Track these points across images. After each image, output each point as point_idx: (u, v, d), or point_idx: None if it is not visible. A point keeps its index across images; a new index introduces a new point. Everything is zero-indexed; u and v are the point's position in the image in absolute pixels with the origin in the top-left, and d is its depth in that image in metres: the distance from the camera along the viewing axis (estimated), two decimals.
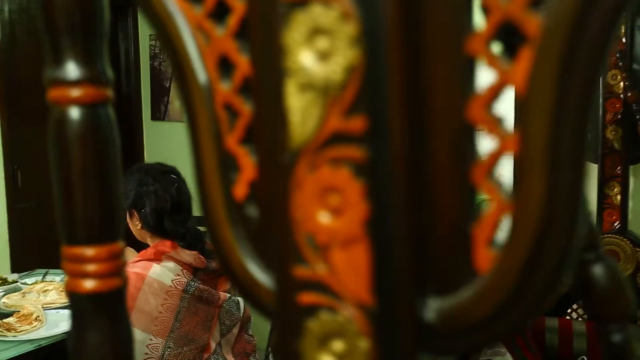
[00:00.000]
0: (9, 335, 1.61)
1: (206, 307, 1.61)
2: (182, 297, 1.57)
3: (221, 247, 0.40)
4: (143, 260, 1.60)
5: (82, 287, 0.47)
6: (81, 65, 0.47)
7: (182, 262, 1.61)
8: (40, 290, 2.02)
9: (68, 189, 0.47)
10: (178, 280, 1.57)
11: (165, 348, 1.53)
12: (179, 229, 1.66)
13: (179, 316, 1.55)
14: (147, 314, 1.52)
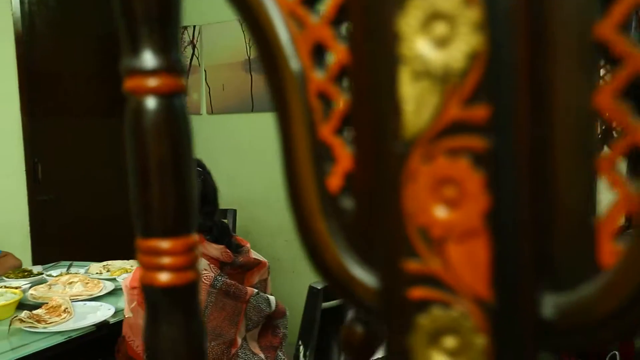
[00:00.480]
0: (39, 327, 1.61)
1: (233, 302, 1.60)
2: (210, 291, 1.56)
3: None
4: None
5: (157, 280, 0.47)
6: (158, 54, 0.46)
7: (209, 256, 1.60)
8: (65, 282, 2.02)
9: (144, 180, 0.46)
10: (205, 275, 1.57)
11: None
12: (205, 222, 1.65)
13: (206, 311, 1.55)
14: None
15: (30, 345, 1.54)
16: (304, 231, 0.39)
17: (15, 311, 1.79)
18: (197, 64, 3.57)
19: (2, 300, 1.77)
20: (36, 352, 1.50)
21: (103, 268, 2.29)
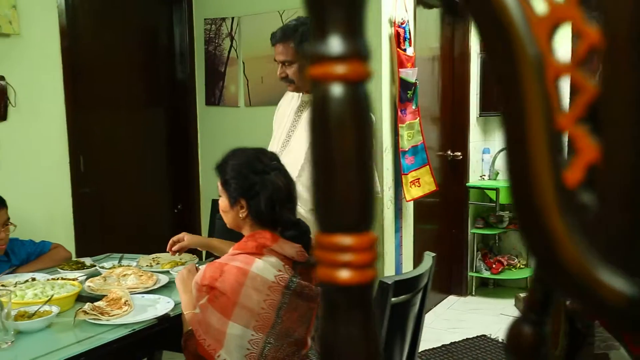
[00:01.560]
0: (102, 319, 1.62)
1: (305, 303, 1.58)
2: (284, 293, 1.54)
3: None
4: (244, 254, 1.57)
5: (337, 277, 0.45)
6: (345, 40, 0.43)
7: (284, 255, 1.58)
8: (119, 274, 2.03)
9: (328, 172, 0.44)
10: (281, 276, 1.55)
11: (265, 344, 1.51)
12: (290, 217, 1.63)
13: (280, 312, 1.53)
14: (249, 309, 1.50)
15: (95, 337, 1.54)
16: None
17: (74, 303, 1.79)
18: (235, 56, 3.55)
19: (64, 292, 1.77)
20: (103, 345, 1.50)
21: (153, 260, 2.29)
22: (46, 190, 2.85)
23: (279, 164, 1.69)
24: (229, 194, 1.67)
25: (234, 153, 1.70)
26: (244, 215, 1.65)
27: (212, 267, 1.59)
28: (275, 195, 1.62)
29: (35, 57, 2.75)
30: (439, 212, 4.38)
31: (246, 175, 1.63)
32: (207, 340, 1.50)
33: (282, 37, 2.27)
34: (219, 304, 1.51)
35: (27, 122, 2.72)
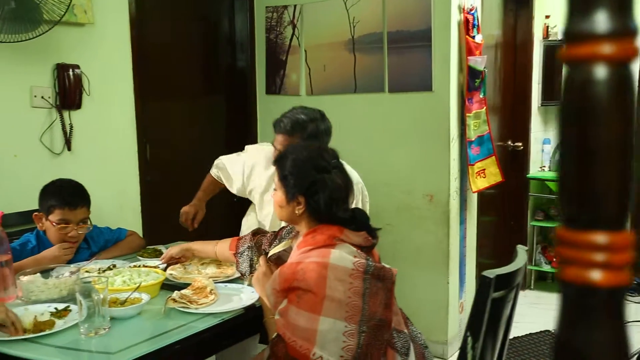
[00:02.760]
0: (191, 307, 1.62)
1: (383, 285, 1.56)
2: (364, 278, 1.52)
3: None
4: (316, 249, 1.55)
5: (589, 278, 0.41)
6: (614, 15, 0.38)
7: (352, 243, 1.57)
8: (198, 262, 2.03)
9: (584, 163, 0.39)
10: (358, 262, 1.53)
11: (360, 333, 1.48)
12: (345, 215, 1.61)
13: (365, 298, 1.51)
14: (337, 301, 1.48)
15: (186, 325, 1.54)
16: None
17: (158, 291, 1.81)
18: (297, 44, 3.52)
19: (151, 280, 1.79)
20: (195, 334, 1.51)
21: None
22: (116, 178, 2.89)
23: (338, 162, 1.66)
24: (287, 189, 1.65)
25: (295, 148, 1.68)
26: (301, 212, 1.63)
27: (285, 269, 1.56)
28: (335, 195, 1.61)
29: (108, 46, 2.78)
30: (498, 204, 4.28)
31: (307, 172, 1.61)
32: (297, 342, 1.47)
33: (290, 130, 2.27)
34: (305, 302, 1.48)
35: (99, 110, 2.76)
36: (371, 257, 1.60)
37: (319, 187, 1.58)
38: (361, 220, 1.64)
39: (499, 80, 4.17)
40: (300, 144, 1.68)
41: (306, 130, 2.28)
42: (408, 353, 1.59)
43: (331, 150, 1.68)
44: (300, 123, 2.31)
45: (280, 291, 1.54)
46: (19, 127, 2.46)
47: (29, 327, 1.49)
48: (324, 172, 1.59)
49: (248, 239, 1.98)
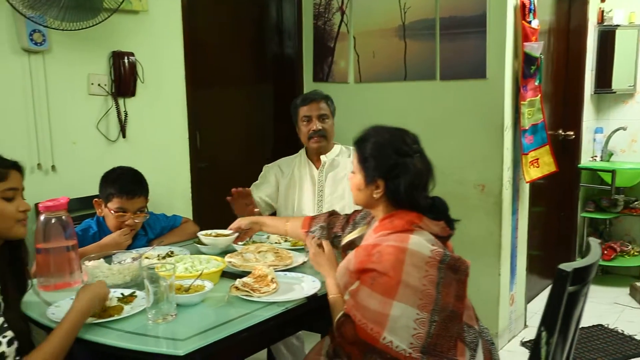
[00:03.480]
0: (254, 296, 1.62)
1: (457, 276, 1.54)
2: (439, 267, 1.50)
3: None
4: (395, 233, 1.53)
5: None
6: None
7: (430, 232, 1.54)
8: (255, 251, 2.03)
9: None
10: (436, 251, 1.50)
11: (431, 323, 1.46)
12: (425, 202, 1.58)
13: (439, 287, 1.49)
14: (412, 287, 1.46)
15: (251, 314, 1.54)
16: None
17: (219, 278, 1.81)
18: (346, 30, 3.48)
19: (212, 267, 1.79)
20: (260, 322, 1.50)
21: (281, 237, 2.29)
22: (168, 165, 2.92)
23: (420, 147, 1.62)
24: (366, 172, 1.63)
25: (376, 130, 1.65)
26: (379, 196, 1.61)
27: (360, 250, 1.56)
28: (416, 180, 1.57)
29: (161, 33, 2.80)
30: (548, 194, 4.17)
31: (389, 155, 1.58)
32: (368, 324, 1.46)
33: (323, 95, 2.67)
34: (379, 285, 1.47)
35: (152, 98, 2.78)
36: (446, 249, 1.58)
37: (400, 171, 1.55)
38: (440, 209, 1.61)
39: (550, 67, 4.05)
40: (382, 126, 1.65)
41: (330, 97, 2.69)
42: (476, 349, 1.56)
43: (412, 134, 1.64)
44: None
45: (354, 272, 1.54)
46: (77, 114, 2.50)
47: (99, 311, 1.51)
48: (406, 156, 1.56)
49: (322, 219, 2.01)
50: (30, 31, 2.23)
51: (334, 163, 2.65)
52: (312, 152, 2.68)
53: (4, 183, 1.44)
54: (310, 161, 2.70)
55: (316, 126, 2.57)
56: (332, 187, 2.61)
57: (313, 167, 2.68)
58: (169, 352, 1.32)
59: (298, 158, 2.76)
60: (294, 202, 2.67)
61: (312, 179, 2.66)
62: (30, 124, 2.33)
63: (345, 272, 1.57)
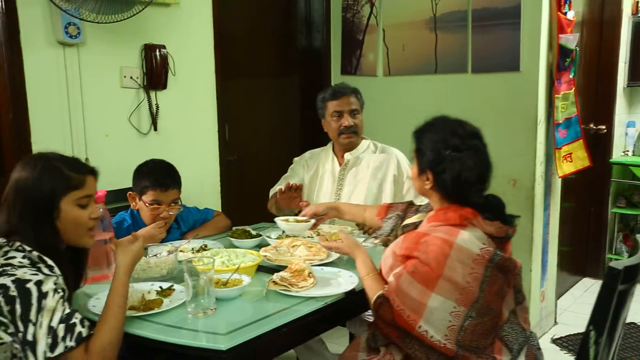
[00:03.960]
0: (292, 290, 1.61)
1: (504, 276, 1.51)
2: (487, 266, 1.47)
3: None
4: (446, 225, 1.51)
5: None
6: None
7: (484, 231, 1.51)
8: (289, 245, 2.02)
9: None
10: (486, 250, 1.48)
11: (466, 317, 1.45)
12: (477, 200, 1.55)
13: (483, 286, 1.47)
14: (453, 282, 1.45)
15: (290, 309, 1.53)
16: None
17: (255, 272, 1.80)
18: (375, 23, 3.44)
19: (249, 261, 1.78)
20: (300, 317, 1.49)
21: (312, 232, 2.27)
22: (198, 158, 2.92)
23: (479, 143, 1.58)
24: (419, 162, 1.65)
25: (434, 123, 1.64)
26: (429, 187, 1.62)
27: (410, 237, 1.57)
28: (464, 175, 1.54)
29: (191, 26, 2.79)
30: (578, 189, 4.09)
31: (438, 148, 1.57)
32: (405, 311, 1.47)
33: (353, 89, 2.57)
34: (420, 275, 1.47)
35: (183, 90, 2.78)
36: (503, 249, 1.54)
37: (447, 165, 1.54)
38: (495, 207, 1.58)
39: (582, 59, 3.96)
40: (443, 117, 1.64)
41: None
42: (520, 351, 1.53)
43: (472, 129, 1.61)
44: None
45: (400, 256, 1.55)
46: (110, 107, 2.51)
47: (139, 304, 1.51)
48: (455, 151, 1.54)
49: (400, 208, 2.06)
50: (66, 24, 2.23)
51: (357, 161, 2.58)
52: (340, 148, 2.61)
53: (81, 191, 1.42)
54: (336, 156, 2.64)
55: (348, 122, 2.50)
56: (351, 186, 2.54)
57: (336, 163, 2.62)
58: (211, 346, 1.31)
59: (324, 152, 2.70)
60: (313, 197, 2.62)
61: (333, 176, 2.60)
62: (65, 116, 2.34)
63: (391, 254, 1.59)
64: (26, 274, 1.25)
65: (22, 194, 1.37)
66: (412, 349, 1.49)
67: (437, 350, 1.46)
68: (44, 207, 1.37)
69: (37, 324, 1.22)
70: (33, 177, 1.37)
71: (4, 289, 1.23)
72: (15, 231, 1.35)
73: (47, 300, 1.24)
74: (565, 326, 3.47)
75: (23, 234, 1.34)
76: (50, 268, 1.31)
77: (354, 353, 1.73)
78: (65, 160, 1.45)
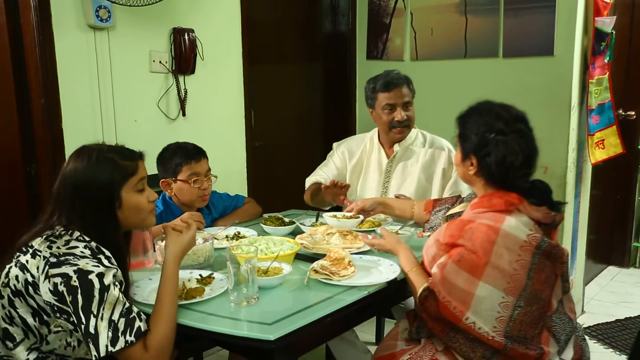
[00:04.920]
0: (334, 279, 1.58)
1: (551, 264, 1.47)
2: (534, 253, 1.44)
3: None
4: (491, 212, 1.48)
5: None
6: None
7: (531, 217, 1.47)
8: (324, 232, 1.99)
9: None
10: (533, 236, 1.44)
11: (515, 307, 1.42)
12: (523, 184, 1.51)
13: (530, 273, 1.43)
14: (500, 270, 1.41)
15: (334, 298, 1.50)
16: None
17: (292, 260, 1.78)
18: (403, 6, 3.37)
19: (287, 249, 1.76)
20: (344, 307, 1.46)
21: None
22: (226, 144, 2.89)
23: (524, 127, 1.54)
24: (462, 147, 1.61)
25: (479, 107, 1.60)
26: (473, 173, 1.58)
27: (454, 224, 1.53)
28: (509, 158, 1.50)
29: (220, 10, 2.75)
30: (604, 176, 4.02)
31: (482, 132, 1.53)
32: (452, 302, 1.43)
33: (405, 79, 2.41)
34: (466, 263, 1.43)
35: (211, 75, 2.74)
36: (550, 236, 1.51)
37: (491, 149, 1.50)
38: (542, 192, 1.55)
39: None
40: (487, 102, 1.60)
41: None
42: (568, 341, 1.50)
43: (517, 113, 1.57)
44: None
45: (444, 244, 1.51)
46: (139, 92, 2.48)
47: (180, 293, 1.49)
48: (500, 134, 1.50)
49: (450, 201, 2.03)
50: (97, 7, 2.21)
51: (406, 153, 2.46)
52: (388, 139, 2.47)
53: (136, 176, 1.41)
54: (382, 147, 2.50)
55: (401, 116, 2.36)
56: (400, 179, 2.44)
57: (383, 154, 2.49)
58: (259, 336, 1.29)
59: (369, 140, 2.55)
60: (357, 189, 2.54)
61: (380, 168, 2.49)
62: (96, 101, 2.32)
63: (434, 243, 1.56)
64: (88, 264, 1.24)
65: (82, 191, 1.34)
66: (457, 343, 1.46)
67: (484, 343, 1.43)
68: (105, 200, 1.36)
69: (98, 317, 1.21)
70: (90, 173, 1.35)
71: (66, 278, 1.22)
72: (74, 225, 1.34)
73: (109, 293, 1.23)
74: (593, 315, 3.43)
75: (85, 229, 1.33)
76: (108, 259, 1.30)
77: (393, 342, 1.70)
78: (115, 150, 1.44)
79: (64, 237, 1.30)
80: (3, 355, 1.29)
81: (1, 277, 1.30)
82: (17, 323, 1.28)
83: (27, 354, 1.28)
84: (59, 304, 1.23)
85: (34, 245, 1.30)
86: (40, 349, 1.29)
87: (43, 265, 1.24)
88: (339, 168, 2.57)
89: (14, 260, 1.30)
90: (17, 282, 1.27)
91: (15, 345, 1.28)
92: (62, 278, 1.22)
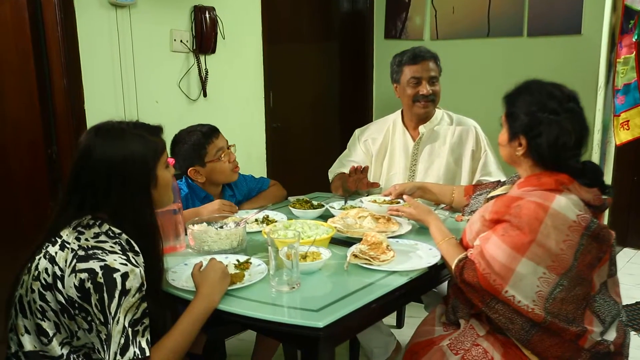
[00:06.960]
0: (374, 264, 1.54)
1: (598, 246, 1.44)
2: (583, 234, 1.40)
3: None
4: (540, 190, 1.44)
5: None
6: None
7: (581, 198, 1.43)
8: (355, 216, 1.95)
9: None
10: (582, 216, 1.40)
11: (557, 285, 1.39)
12: (574, 165, 1.47)
13: (577, 254, 1.40)
14: (546, 249, 1.38)
15: (376, 283, 1.47)
16: None
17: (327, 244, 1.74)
18: None
19: (323, 234, 1.72)
20: (388, 293, 1.43)
21: (375, 202, 2.19)
22: (246, 125, 2.84)
23: (576, 106, 1.49)
24: (510, 127, 1.55)
25: (529, 86, 1.54)
26: (521, 153, 1.54)
27: (501, 201, 1.50)
28: (562, 140, 1.46)
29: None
30: (623, 158, 3.98)
31: (533, 112, 1.49)
32: (492, 275, 1.41)
33: (433, 54, 2.36)
34: (511, 238, 1.40)
35: (232, 55, 2.68)
36: (598, 219, 1.47)
37: (543, 129, 1.45)
38: (593, 173, 1.50)
39: None
40: (537, 80, 1.55)
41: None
42: (612, 323, 1.47)
43: (569, 92, 1.52)
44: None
45: (489, 221, 1.49)
46: (160, 72, 2.42)
47: None
48: (552, 114, 1.45)
49: (490, 185, 1.99)
50: None
51: (432, 134, 2.40)
52: (412, 118, 2.41)
53: (165, 152, 1.37)
54: (407, 129, 2.45)
55: (426, 89, 2.31)
56: (427, 163, 2.38)
57: (408, 137, 2.43)
58: (307, 323, 1.25)
59: (392, 123, 2.49)
60: (383, 174, 2.48)
61: (406, 151, 2.42)
62: (118, 82, 2.26)
63: (479, 219, 1.53)
64: (115, 261, 1.18)
65: (116, 172, 1.25)
66: (496, 314, 1.44)
67: (524, 315, 1.40)
68: (143, 179, 1.29)
69: (115, 319, 1.16)
70: (125, 152, 1.26)
71: (93, 274, 1.16)
72: (104, 212, 1.27)
73: (128, 298, 1.17)
74: None
75: (117, 215, 1.26)
76: (136, 254, 1.24)
77: (430, 328, 1.67)
78: (140, 125, 1.36)
79: (93, 229, 1.24)
80: (39, 351, 1.23)
81: (31, 270, 1.23)
82: (49, 317, 1.22)
83: (61, 349, 1.23)
84: (80, 301, 1.16)
85: (62, 236, 1.23)
86: (72, 344, 1.23)
87: (71, 259, 1.18)
88: (364, 161, 2.49)
89: (43, 250, 1.23)
90: (48, 276, 1.20)
91: (49, 340, 1.22)
92: (89, 274, 1.15)
